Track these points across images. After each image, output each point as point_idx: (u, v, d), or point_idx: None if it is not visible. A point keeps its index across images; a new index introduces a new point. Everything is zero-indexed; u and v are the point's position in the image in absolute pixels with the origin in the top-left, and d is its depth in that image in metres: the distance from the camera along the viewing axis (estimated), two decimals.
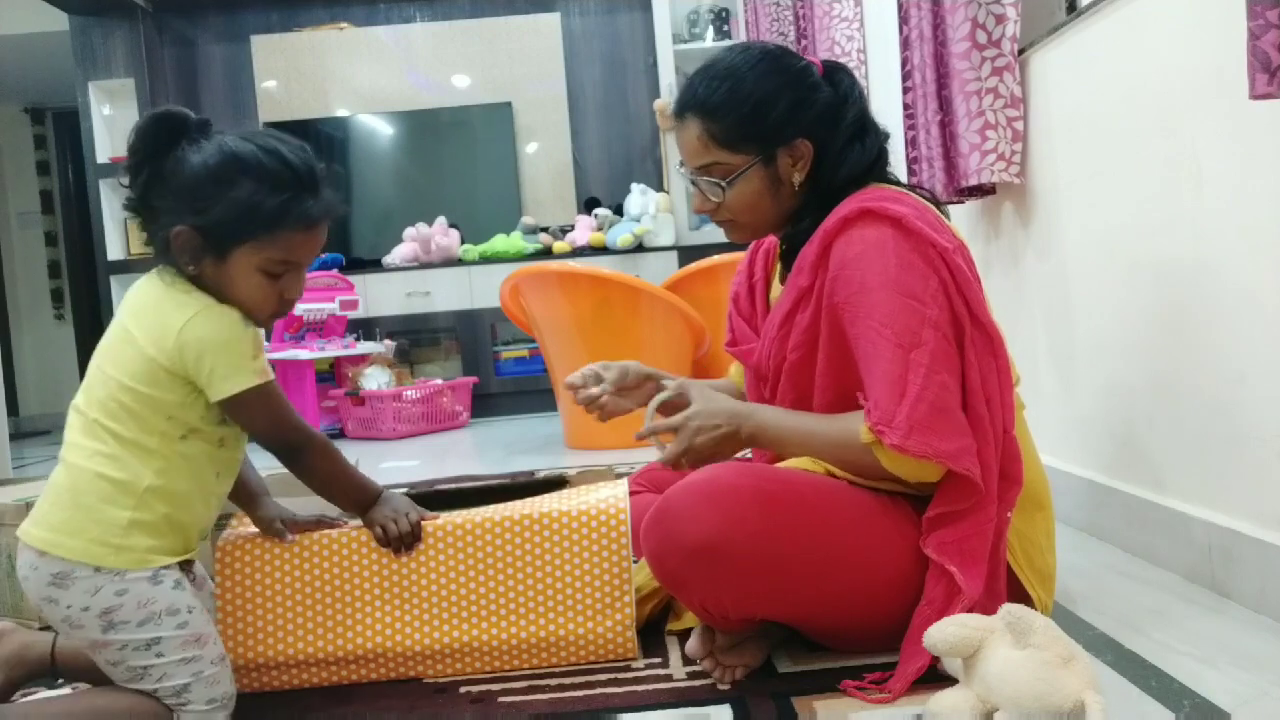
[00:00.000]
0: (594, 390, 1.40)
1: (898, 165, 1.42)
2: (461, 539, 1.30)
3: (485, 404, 4.74)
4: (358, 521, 1.32)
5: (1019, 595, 1.24)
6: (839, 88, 1.29)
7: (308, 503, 1.39)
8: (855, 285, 1.17)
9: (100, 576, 1.08)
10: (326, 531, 1.31)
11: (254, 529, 1.33)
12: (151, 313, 1.12)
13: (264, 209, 1.09)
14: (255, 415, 1.16)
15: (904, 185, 1.31)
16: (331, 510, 1.34)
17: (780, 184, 1.28)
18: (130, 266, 5.11)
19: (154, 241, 1.13)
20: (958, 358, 1.16)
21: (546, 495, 1.40)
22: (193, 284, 1.13)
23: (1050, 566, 1.29)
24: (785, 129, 1.25)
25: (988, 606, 1.15)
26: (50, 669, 1.24)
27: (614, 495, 1.34)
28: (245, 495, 1.31)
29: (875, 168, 1.29)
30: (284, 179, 1.11)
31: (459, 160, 5.19)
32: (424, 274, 4.79)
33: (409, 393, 4.25)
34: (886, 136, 1.32)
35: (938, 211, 1.26)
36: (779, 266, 1.40)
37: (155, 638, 1.10)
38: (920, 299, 1.15)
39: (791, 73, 1.26)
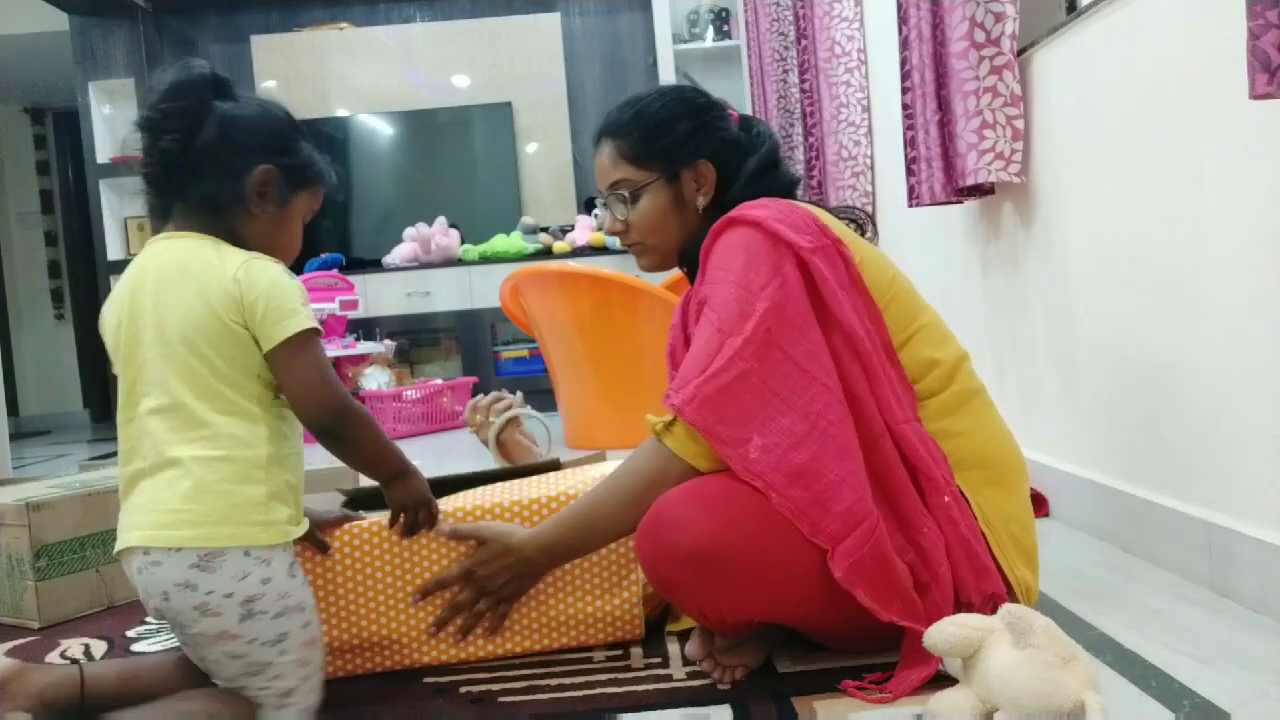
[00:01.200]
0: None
1: (897, 165, 1.42)
2: (467, 520, 1.31)
3: None
4: (375, 516, 1.32)
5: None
6: (752, 133, 1.38)
7: (324, 499, 1.40)
8: (709, 281, 1.22)
9: (248, 561, 1.05)
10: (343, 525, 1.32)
11: None
12: (201, 271, 1.09)
13: (318, 159, 1.19)
14: (308, 365, 1.09)
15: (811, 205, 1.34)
16: (334, 507, 1.34)
17: (684, 205, 1.34)
18: None
19: (206, 192, 1.11)
20: (781, 353, 1.15)
21: (548, 475, 1.42)
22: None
23: (1033, 544, 1.28)
24: (686, 148, 1.33)
25: (980, 586, 1.15)
26: (80, 707, 1.09)
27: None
28: None
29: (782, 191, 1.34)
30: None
31: (459, 160, 5.19)
32: (424, 274, 4.79)
33: (409, 393, 4.25)
34: (797, 179, 1.40)
35: (817, 210, 1.27)
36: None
37: (284, 633, 1.08)
38: (753, 291, 1.17)
39: (696, 103, 1.36)
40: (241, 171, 1.12)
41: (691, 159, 1.33)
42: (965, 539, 1.17)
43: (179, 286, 1.08)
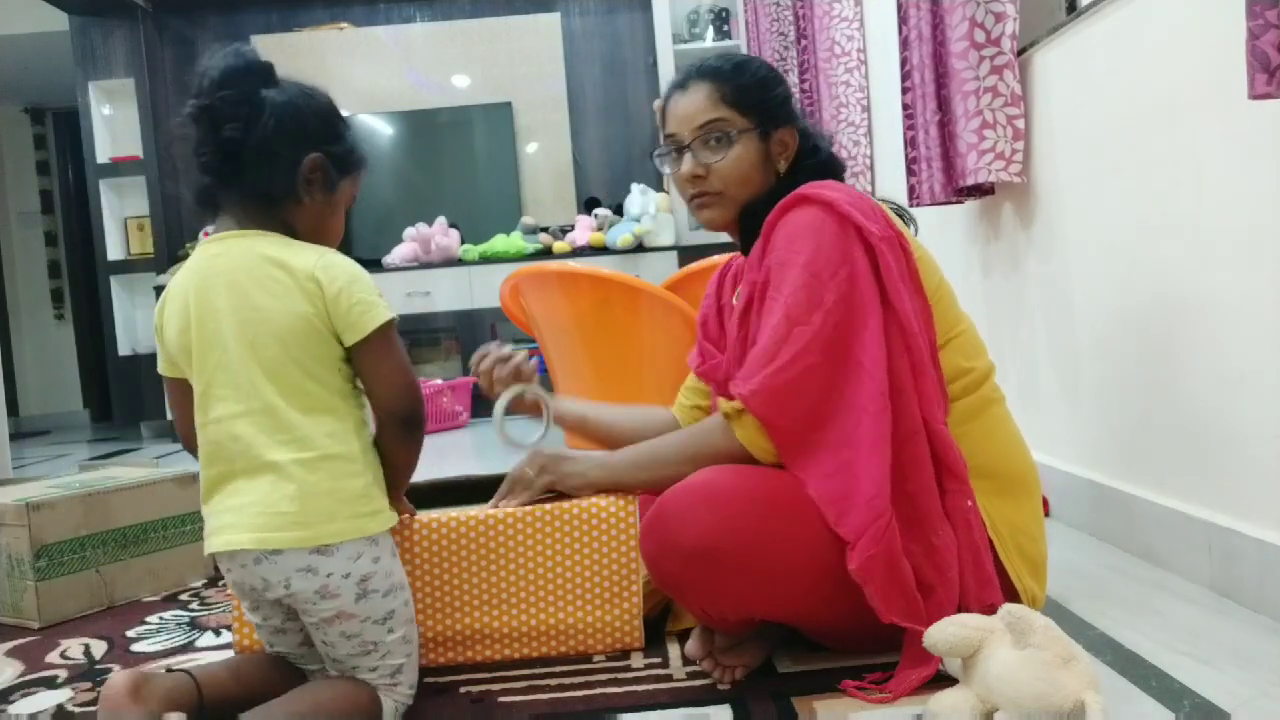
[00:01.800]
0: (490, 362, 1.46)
1: (897, 165, 1.42)
2: (473, 532, 1.31)
3: (485, 404, 4.70)
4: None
5: (1006, 588, 1.23)
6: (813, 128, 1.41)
7: None
8: (777, 263, 1.21)
9: (361, 543, 1.09)
10: None
11: None
12: (276, 269, 1.09)
13: (358, 144, 1.21)
14: (391, 354, 1.11)
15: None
16: None
17: (768, 163, 1.34)
18: (130, 266, 5.11)
19: (260, 183, 1.11)
20: (844, 347, 1.16)
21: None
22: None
23: (1041, 555, 1.28)
24: (781, 111, 1.34)
25: (980, 595, 1.15)
26: (201, 707, 1.09)
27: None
28: None
29: (832, 170, 1.36)
30: None
31: (459, 160, 5.19)
32: (424, 274, 4.79)
33: None
34: (843, 168, 1.41)
35: (880, 204, 1.28)
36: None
37: (390, 611, 1.13)
38: (823, 280, 1.17)
39: (785, 80, 1.39)
40: (295, 161, 1.12)
41: (785, 122, 1.33)
42: (975, 546, 1.17)
43: (255, 287, 1.09)
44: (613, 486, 1.32)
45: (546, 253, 4.80)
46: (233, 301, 1.09)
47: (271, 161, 1.11)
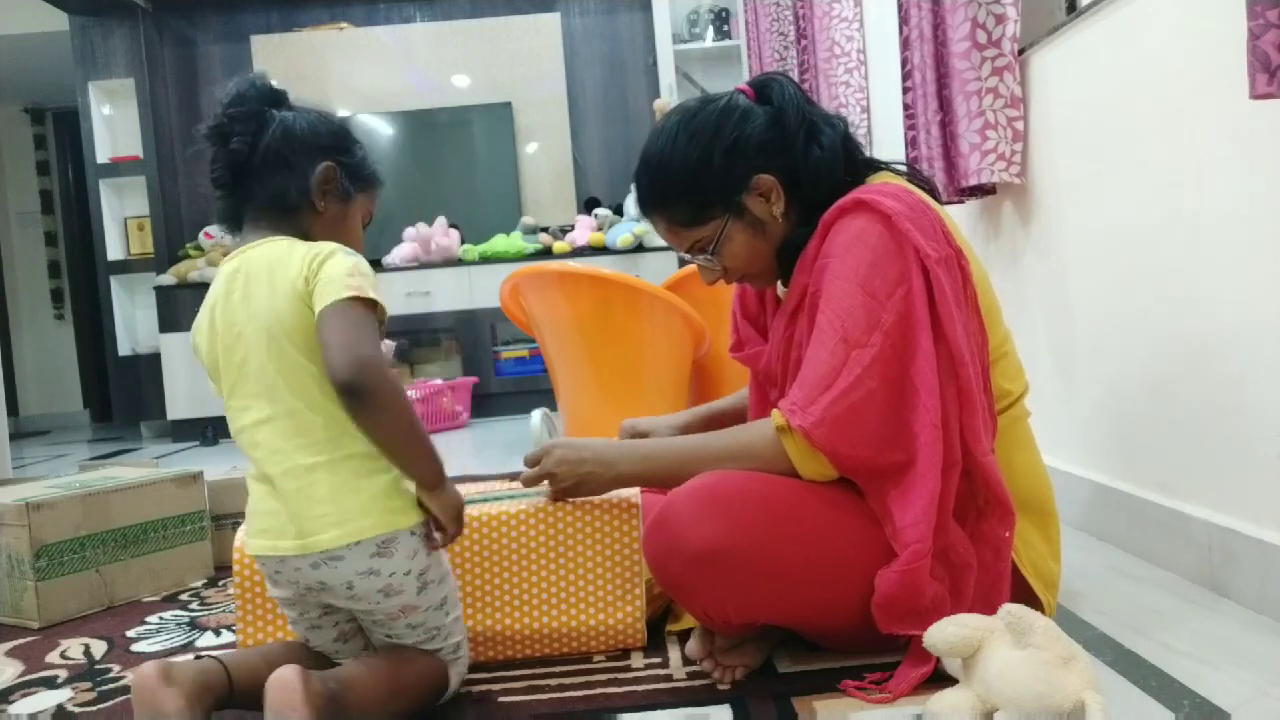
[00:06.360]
0: None
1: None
2: (477, 532, 1.31)
3: (485, 404, 4.74)
4: None
5: (1028, 598, 1.23)
6: (772, 101, 1.26)
7: None
8: (830, 273, 1.17)
9: (414, 539, 1.12)
10: None
11: None
12: (281, 268, 1.11)
13: (372, 164, 1.25)
14: (342, 324, 1.05)
15: (908, 174, 1.31)
16: None
17: (763, 224, 1.26)
18: (130, 266, 5.12)
19: (274, 191, 1.15)
20: (900, 369, 1.14)
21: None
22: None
23: (1054, 574, 1.28)
24: (731, 180, 1.23)
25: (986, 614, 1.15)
26: (231, 692, 1.08)
27: (626, 489, 1.34)
28: None
29: (851, 157, 1.27)
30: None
31: (459, 160, 5.19)
32: (424, 274, 4.79)
33: (409, 393, 4.25)
34: (843, 121, 1.28)
35: (940, 210, 1.23)
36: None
37: (444, 596, 1.18)
38: (881, 301, 1.13)
39: (710, 124, 1.23)
40: (306, 168, 1.16)
41: (745, 182, 1.23)
42: (998, 574, 1.17)
43: (268, 290, 1.10)
44: (645, 483, 1.28)
45: (546, 253, 4.80)
46: (249, 309, 1.11)
47: (282, 169, 1.15)
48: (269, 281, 1.10)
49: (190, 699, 1.00)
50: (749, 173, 1.23)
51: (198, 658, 1.09)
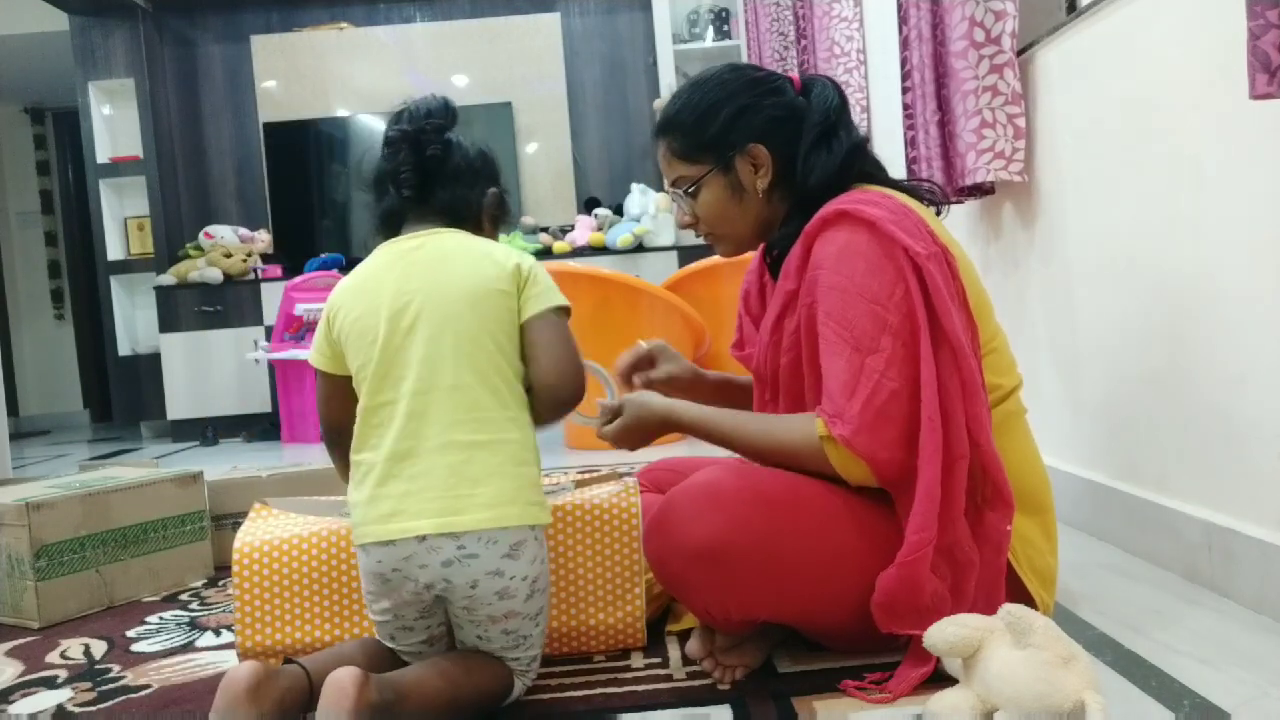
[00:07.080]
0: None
1: (897, 165, 1.43)
2: None
3: None
4: None
5: (1022, 597, 1.23)
6: (811, 97, 1.31)
7: (316, 502, 1.40)
8: (825, 285, 1.18)
9: (537, 545, 1.13)
10: (336, 529, 1.32)
11: (265, 529, 1.34)
12: (481, 252, 1.19)
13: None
14: (567, 334, 1.20)
15: (897, 184, 1.31)
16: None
17: (744, 191, 1.30)
18: (130, 266, 5.12)
19: (455, 199, 1.24)
20: (914, 367, 1.15)
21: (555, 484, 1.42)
22: None
23: (1051, 569, 1.28)
24: (731, 135, 1.28)
25: (986, 613, 1.15)
26: (311, 700, 1.06)
27: (625, 488, 1.35)
28: None
29: (850, 170, 1.28)
30: None
31: None
32: None
33: None
34: (862, 139, 1.32)
35: (923, 211, 1.25)
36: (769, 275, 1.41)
37: (542, 606, 1.18)
38: (884, 304, 1.15)
39: (741, 83, 1.30)
40: (482, 189, 1.27)
41: (742, 144, 1.28)
42: (998, 569, 1.17)
43: (463, 264, 1.17)
44: (696, 430, 1.29)
45: (546, 253, 4.80)
46: (435, 280, 1.15)
47: (464, 184, 1.24)
48: (467, 261, 1.17)
49: (274, 713, 0.99)
50: (748, 138, 1.28)
51: (288, 662, 1.07)
